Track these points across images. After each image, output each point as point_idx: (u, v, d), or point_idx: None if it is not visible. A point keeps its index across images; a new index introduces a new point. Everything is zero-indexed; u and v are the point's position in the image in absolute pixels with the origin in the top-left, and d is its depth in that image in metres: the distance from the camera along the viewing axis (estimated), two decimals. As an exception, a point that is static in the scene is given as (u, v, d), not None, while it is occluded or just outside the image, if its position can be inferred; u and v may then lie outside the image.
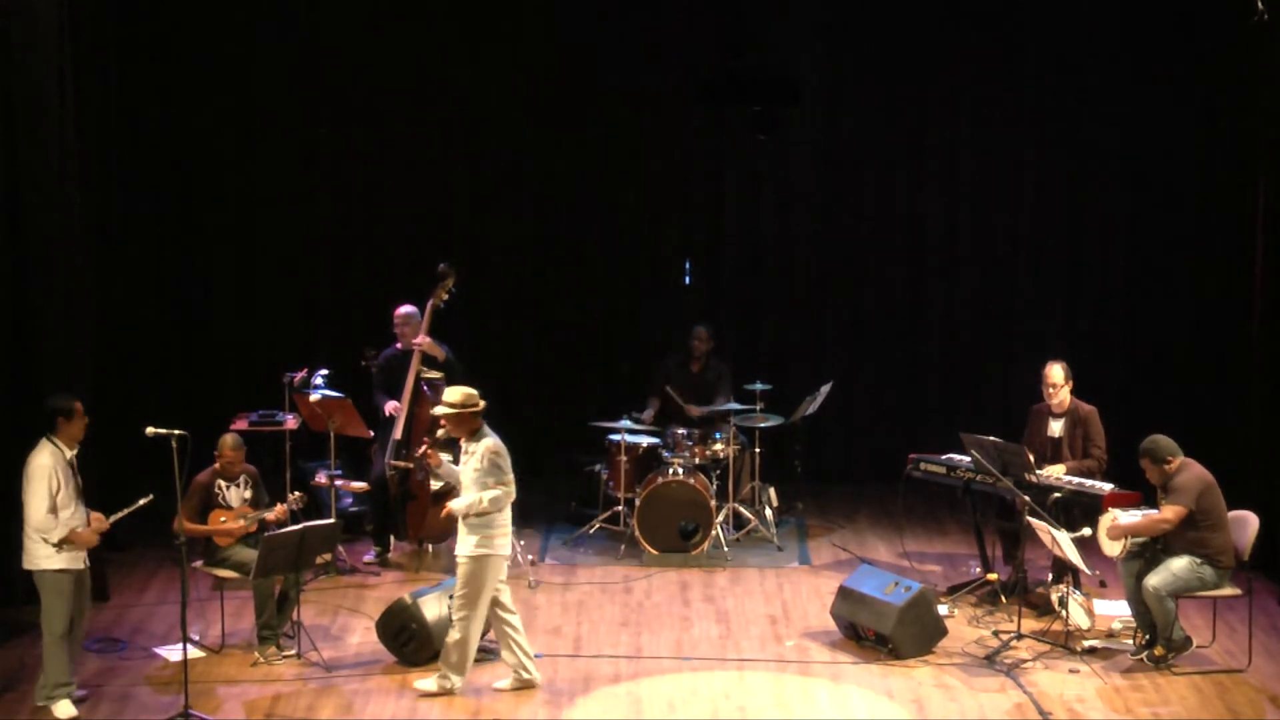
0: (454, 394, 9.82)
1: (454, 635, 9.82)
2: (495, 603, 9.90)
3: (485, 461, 9.72)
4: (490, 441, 9.77)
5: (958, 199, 14.57)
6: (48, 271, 11.27)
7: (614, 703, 9.91)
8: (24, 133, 11.10)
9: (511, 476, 9.80)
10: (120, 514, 9.82)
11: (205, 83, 14.13)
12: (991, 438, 11.31)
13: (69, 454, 9.53)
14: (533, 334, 14.76)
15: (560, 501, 13.70)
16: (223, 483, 10.60)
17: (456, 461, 10.01)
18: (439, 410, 9.85)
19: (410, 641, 10.34)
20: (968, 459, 11.52)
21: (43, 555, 9.48)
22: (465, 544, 9.77)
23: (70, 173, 11.43)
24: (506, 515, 9.86)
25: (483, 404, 9.84)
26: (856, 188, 14.63)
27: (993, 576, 11.54)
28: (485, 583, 9.77)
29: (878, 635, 10.56)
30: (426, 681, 9.92)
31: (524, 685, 9.97)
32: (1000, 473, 11.11)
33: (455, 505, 9.81)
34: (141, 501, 9.85)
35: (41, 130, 11.17)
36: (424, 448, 9.91)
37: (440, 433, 9.90)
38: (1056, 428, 11.57)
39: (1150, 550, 10.43)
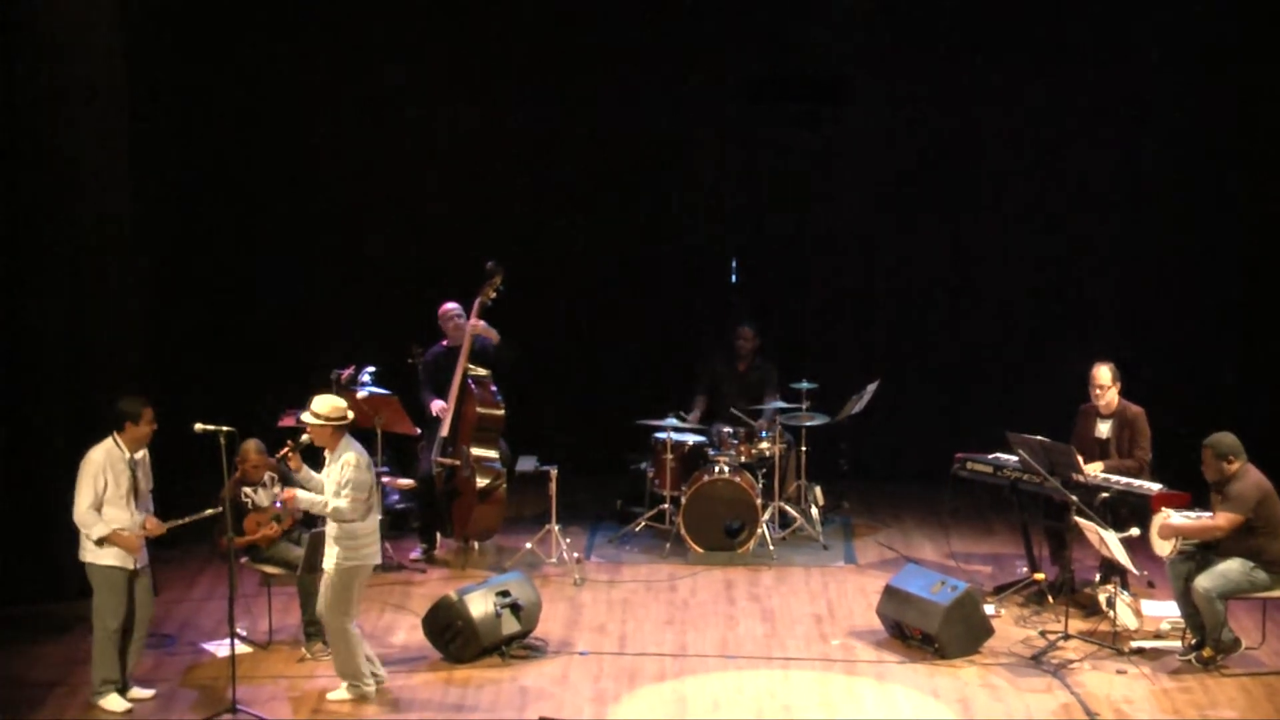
0: (322, 405, 9.69)
1: (340, 649, 9.73)
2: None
3: (344, 474, 9.62)
4: (351, 455, 9.66)
5: (1007, 196, 14.49)
6: (101, 273, 11.41)
7: (659, 701, 9.92)
8: (76, 133, 11.24)
9: (364, 495, 9.62)
10: (181, 520, 9.86)
11: (253, 81, 14.19)
12: (1039, 437, 11.26)
13: (130, 454, 9.59)
14: (579, 332, 14.76)
15: (606, 499, 13.69)
16: (247, 489, 10.65)
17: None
18: (303, 417, 9.74)
19: (456, 638, 10.37)
20: (1015, 458, 11.48)
21: (89, 549, 9.57)
22: (330, 556, 9.69)
23: (121, 173, 11.53)
24: (372, 523, 9.77)
25: (350, 417, 9.77)
26: (902, 185, 14.58)
27: (1039, 576, 11.49)
28: (354, 591, 9.73)
29: (924, 635, 10.53)
30: (338, 692, 9.84)
31: (361, 697, 9.87)
32: (1048, 472, 11.07)
33: (300, 495, 9.73)
34: (208, 511, 9.91)
35: (95, 129, 11.29)
36: (285, 450, 9.81)
37: (304, 438, 9.78)
38: (1104, 428, 11.52)
39: (1201, 552, 10.37)
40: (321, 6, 14.20)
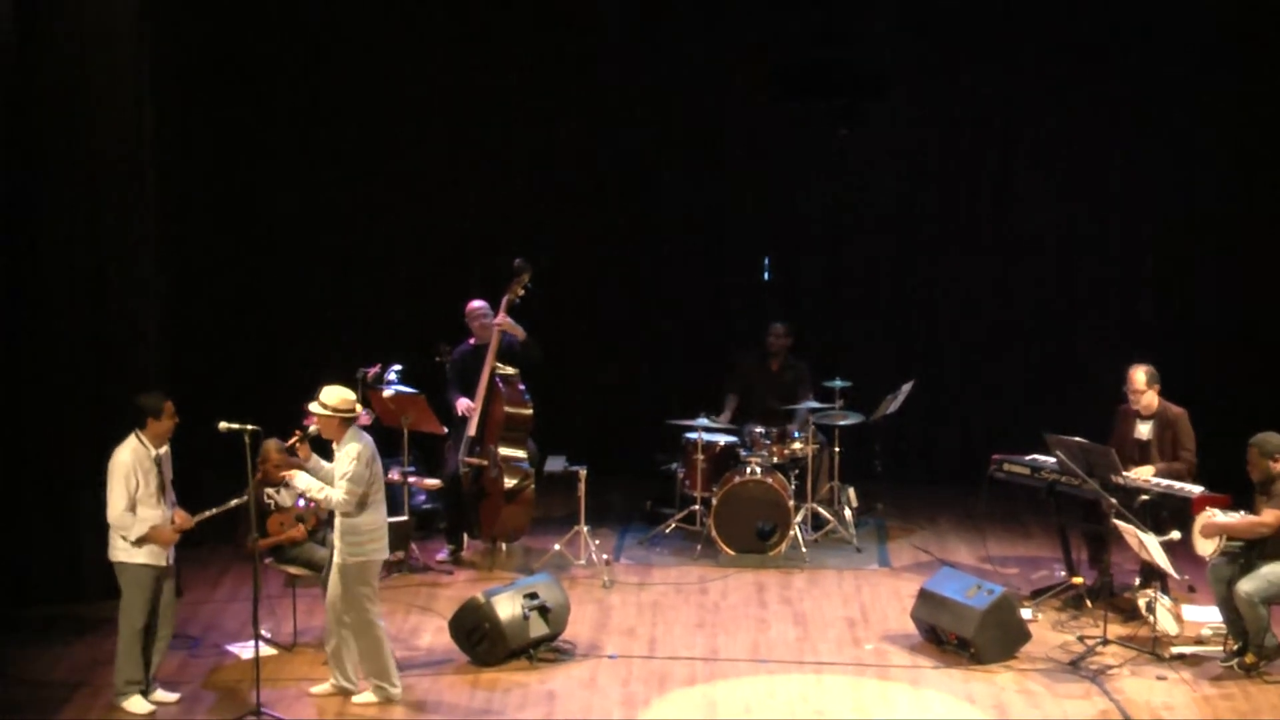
0: (331, 396, 9.67)
1: (362, 645, 9.72)
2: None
3: (343, 466, 9.60)
4: (355, 447, 9.65)
5: (1045, 194, 14.43)
6: (125, 271, 11.46)
7: (689, 705, 9.91)
8: (101, 130, 11.28)
9: (359, 489, 9.58)
10: (207, 514, 9.89)
11: (275, 75, 14.23)
12: (1077, 438, 11.22)
13: (154, 451, 9.63)
14: (608, 330, 14.77)
15: (636, 500, 13.70)
16: (270, 490, 10.66)
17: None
18: (312, 407, 9.74)
19: (483, 641, 10.37)
20: (1052, 460, 11.45)
21: (122, 548, 9.59)
22: (338, 552, 9.68)
23: (145, 171, 11.59)
24: (377, 517, 9.73)
25: (358, 409, 9.78)
26: (941, 182, 14.55)
27: (1078, 580, 11.45)
28: (365, 586, 9.71)
29: (959, 639, 10.50)
30: (364, 695, 9.83)
31: (342, 692, 9.86)
32: (1086, 474, 11.02)
33: (299, 476, 9.72)
34: (234, 502, 9.90)
35: (118, 128, 11.35)
36: (294, 439, 9.83)
37: (311, 429, 9.81)
38: (1145, 430, 11.47)
39: (1245, 555, 10.32)
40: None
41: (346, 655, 9.83)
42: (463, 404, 12.39)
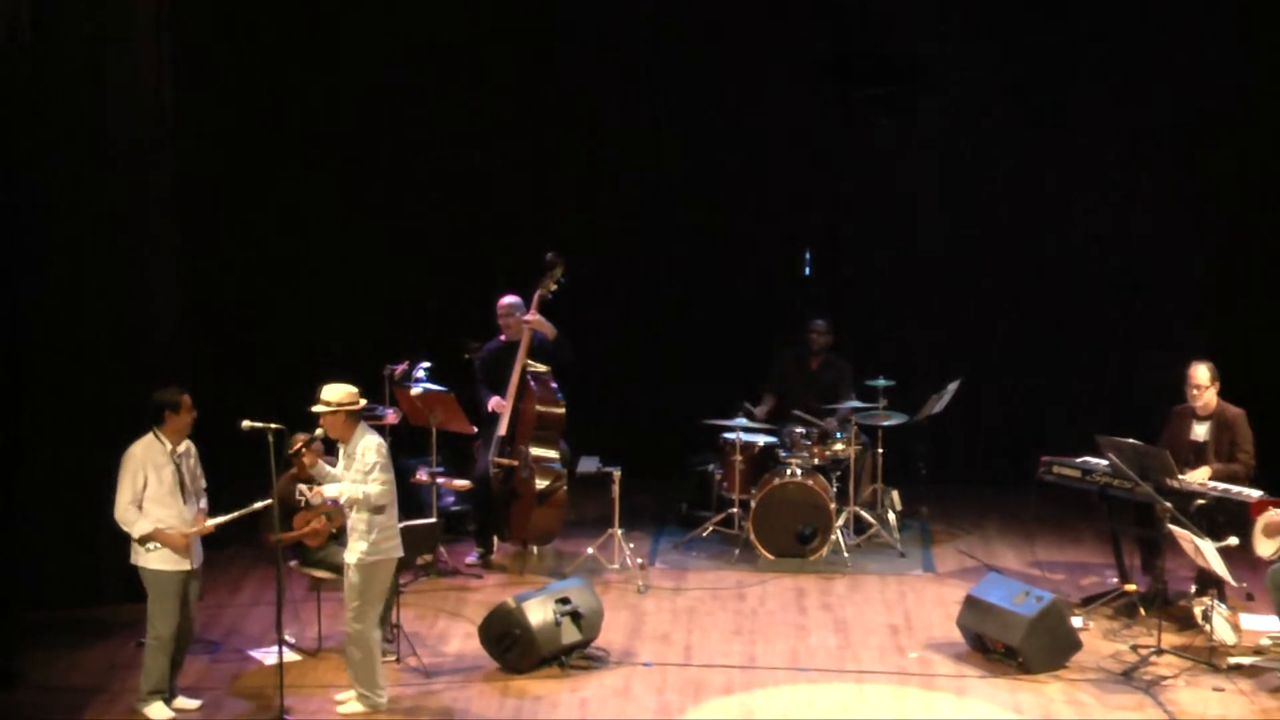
0: (333, 392, 9.63)
1: (355, 654, 9.71)
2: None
3: (366, 459, 9.58)
4: (371, 440, 9.64)
5: (1096, 185, 14.39)
6: (144, 265, 11.50)
7: (725, 715, 9.90)
8: (118, 120, 11.32)
9: (391, 478, 9.62)
10: (227, 517, 9.89)
11: (302, 65, 14.25)
12: (1130, 440, 11.17)
13: (172, 447, 9.63)
14: (643, 327, 14.76)
15: (671, 503, 13.70)
16: (303, 486, 10.65)
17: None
18: (316, 408, 9.69)
19: (513, 647, 10.36)
20: (1104, 462, 11.40)
21: (140, 552, 9.62)
22: (354, 550, 9.65)
23: (166, 162, 11.63)
24: (392, 515, 9.75)
25: (363, 403, 9.76)
26: (986, 174, 14.51)
27: (1130, 587, 11.42)
28: (380, 589, 9.72)
29: (1006, 647, 10.47)
30: (350, 705, 9.81)
31: (374, 708, 9.82)
32: (1139, 477, 10.96)
33: (327, 489, 9.71)
34: (256, 505, 9.90)
35: (137, 116, 11.39)
36: (299, 445, 9.77)
37: (319, 432, 9.76)
38: (1201, 431, 11.40)
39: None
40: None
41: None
42: (494, 402, 12.37)
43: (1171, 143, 14.22)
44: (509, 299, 12.53)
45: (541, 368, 12.40)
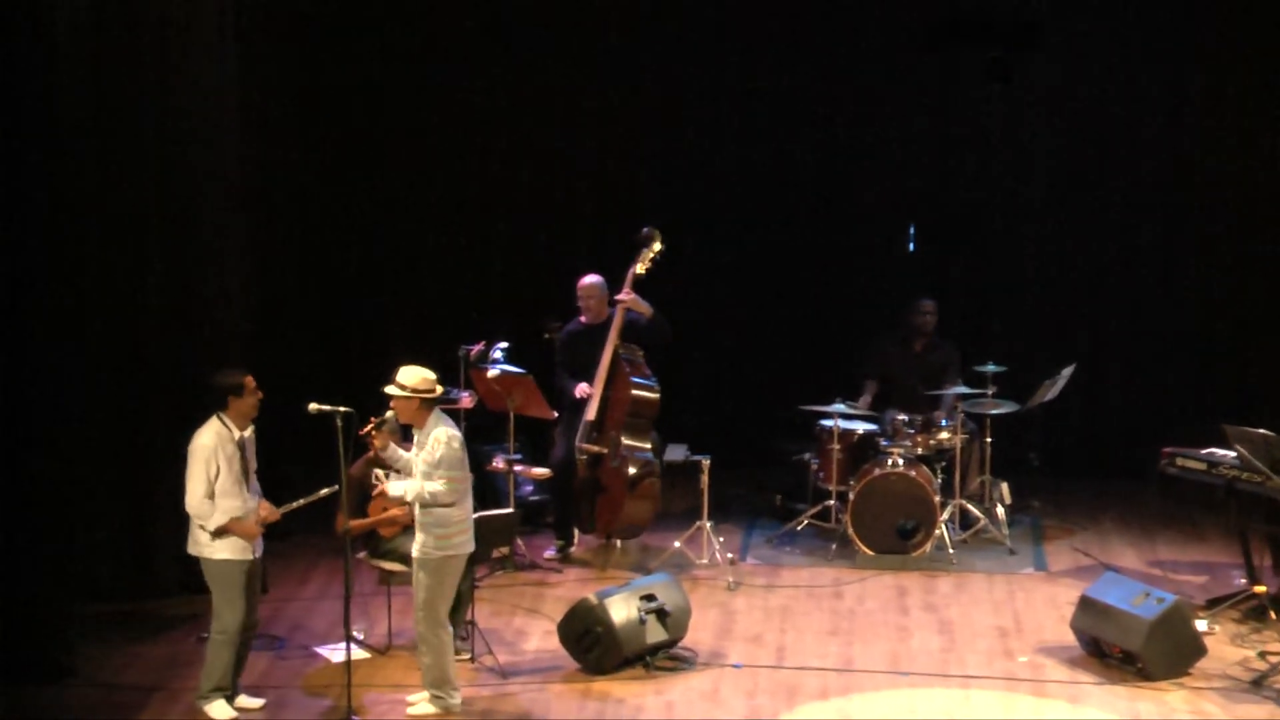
0: (409, 376, 9.62)
1: (425, 653, 9.70)
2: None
3: (435, 452, 9.56)
4: (443, 431, 9.61)
5: (1219, 152, 14.20)
6: (207, 248, 11.61)
7: (821, 720, 9.91)
8: (184, 101, 11.43)
9: (463, 473, 9.61)
10: (294, 504, 9.94)
11: (372, 43, 14.30)
12: (1261, 430, 11.05)
13: (239, 433, 9.68)
14: (736, 308, 14.76)
15: (765, 494, 13.70)
16: (380, 471, 10.66)
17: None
18: (389, 389, 9.68)
19: (595, 646, 10.36)
20: (1231, 454, 11.29)
21: (204, 542, 9.67)
22: (420, 545, 9.64)
23: (230, 145, 11.75)
24: (466, 508, 9.73)
25: (439, 390, 9.73)
26: (1103, 142, 14.40)
27: (1260, 589, 11.33)
28: (450, 585, 9.70)
29: (1124, 653, 10.40)
30: (421, 707, 9.82)
31: (446, 710, 9.81)
32: (1270, 470, 10.84)
33: (393, 488, 9.72)
34: (323, 492, 9.94)
35: (203, 100, 11.51)
36: (369, 427, 9.77)
37: (390, 414, 9.77)
38: (1337, 421, 11.27)
39: None
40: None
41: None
42: (580, 388, 12.37)
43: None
44: (590, 279, 12.52)
45: (636, 351, 12.38)
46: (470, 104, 14.45)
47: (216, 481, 9.58)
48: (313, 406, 9.53)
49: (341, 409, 9.45)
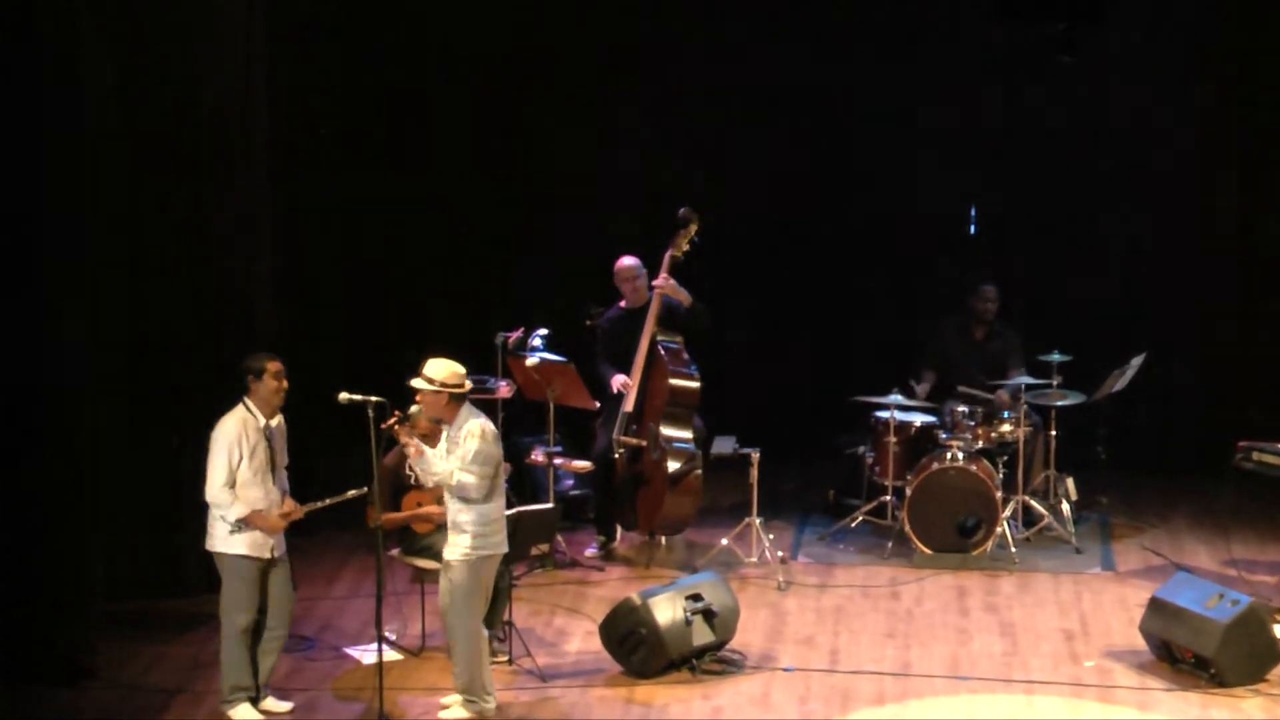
0: (437, 369, 9.55)
1: (459, 656, 9.68)
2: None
3: (469, 445, 9.49)
4: (476, 424, 9.55)
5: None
6: (234, 229, 11.65)
7: (876, 727, 9.91)
8: (209, 85, 11.48)
9: (491, 471, 9.52)
10: (320, 504, 9.94)
11: (413, 28, 14.32)
12: (1343, 422, 10.98)
13: (265, 421, 9.68)
14: (786, 295, 14.74)
15: (817, 490, 13.71)
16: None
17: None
18: (415, 383, 9.62)
19: (638, 648, 10.35)
20: (1312, 448, 11.22)
21: (219, 536, 9.68)
22: (457, 545, 9.58)
23: (256, 111, 11.76)
24: (500, 506, 9.69)
25: (469, 385, 9.68)
26: (1175, 118, 14.34)
27: (1341, 591, 11.23)
28: (483, 587, 9.67)
29: (1197, 657, 10.34)
30: (455, 710, 9.80)
31: (480, 715, 9.80)
32: (1353, 465, 10.78)
33: (428, 452, 9.59)
34: (351, 493, 9.95)
35: (232, 81, 11.57)
36: (392, 421, 9.70)
37: (414, 409, 9.73)
38: None
39: None
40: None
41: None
42: (619, 380, 12.35)
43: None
44: (628, 260, 12.50)
45: (674, 337, 12.34)
46: (508, 87, 14.48)
47: (239, 470, 9.59)
48: (343, 396, 9.53)
49: (374, 399, 9.44)
